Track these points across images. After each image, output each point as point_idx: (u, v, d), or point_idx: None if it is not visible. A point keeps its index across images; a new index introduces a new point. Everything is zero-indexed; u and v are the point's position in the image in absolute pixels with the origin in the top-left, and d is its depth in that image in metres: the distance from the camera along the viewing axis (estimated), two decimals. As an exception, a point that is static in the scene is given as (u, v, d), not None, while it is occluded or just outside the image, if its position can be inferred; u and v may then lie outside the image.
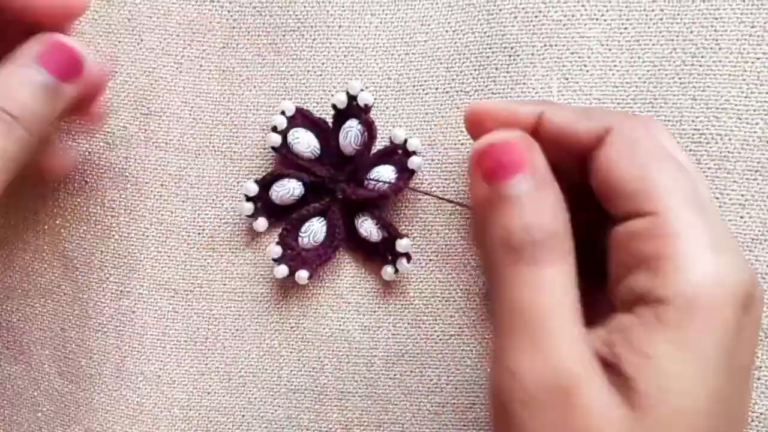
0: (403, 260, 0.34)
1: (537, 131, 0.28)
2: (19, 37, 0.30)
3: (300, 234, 0.35)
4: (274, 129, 0.35)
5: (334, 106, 0.35)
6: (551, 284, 0.25)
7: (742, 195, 0.35)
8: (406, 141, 0.35)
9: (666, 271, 0.24)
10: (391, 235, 0.34)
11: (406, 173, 0.35)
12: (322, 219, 0.35)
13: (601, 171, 0.27)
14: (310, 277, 0.35)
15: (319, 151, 0.35)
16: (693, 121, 0.35)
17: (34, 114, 0.28)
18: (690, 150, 0.35)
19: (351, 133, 0.35)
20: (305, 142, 0.35)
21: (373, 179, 0.34)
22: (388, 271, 0.35)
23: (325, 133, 0.36)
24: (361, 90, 0.35)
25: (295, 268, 0.34)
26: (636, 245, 0.25)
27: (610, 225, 0.27)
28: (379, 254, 0.35)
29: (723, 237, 0.25)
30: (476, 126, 0.30)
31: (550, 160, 0.27)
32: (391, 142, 0.35)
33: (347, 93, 0.35)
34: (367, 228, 0.35)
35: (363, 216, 0.35)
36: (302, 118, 0.35)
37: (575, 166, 0.28)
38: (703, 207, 0.25)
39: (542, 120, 0.28)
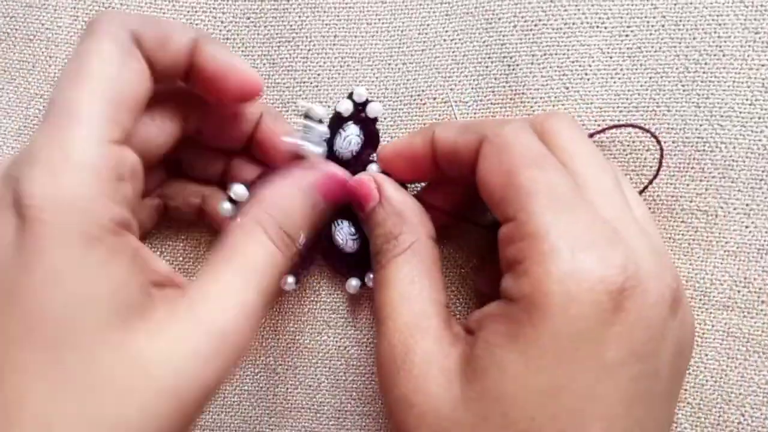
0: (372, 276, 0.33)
1: (434, 151, 0.31)
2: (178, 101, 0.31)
3: None
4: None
5: (338, 114, 0.35)
6: (394, 270, 0.29)
7: (747, 204, 0.34)
8: (366, 102, 0.35)
9: (520, 273, 0.25)
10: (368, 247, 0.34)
11: (370, 138, 0.35)
12: None
13: (479, 181, 0.28)
14: (297, 283, 0.34)
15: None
16: (696, 129, 0.34)
17: (303, 233, 0.30)
18: (694, 158, 0.34)
19: (352, 140, 0.34)
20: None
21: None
22: (352, 284, 0.34)
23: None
24: (368, 100, 0.34)
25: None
26: (504, 249, 0.27)
27: None
28: (348, 265, 0.34)
29: (588, 234, 0.25)
30: (389, 166, 0.33)
31: (451, 174, 0.31)
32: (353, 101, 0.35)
33: (353, 100, 0.34)
34: (343, 236, 0.34)
35: (341, 223, 0.34)
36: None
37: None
38: (570, 206, 0.26)
39: (434, 143, 0.31)
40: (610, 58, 0.35)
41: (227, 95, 0.30)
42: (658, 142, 0.34)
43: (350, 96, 0.35)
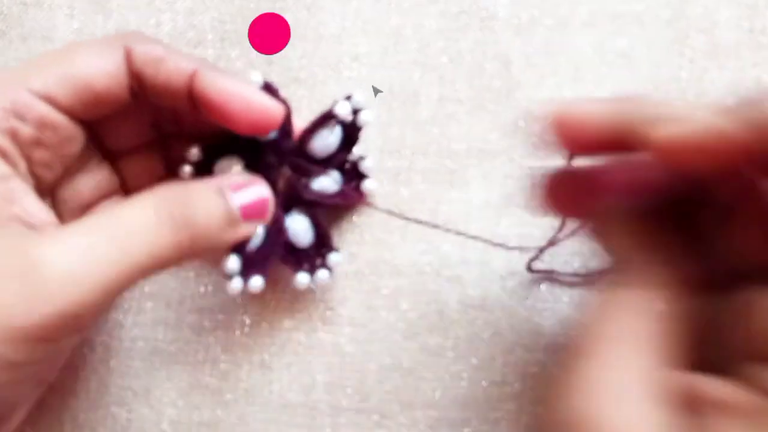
0: (326, 272, 0.33)
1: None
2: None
3: None
4: None
5: (331, 113, 0.32)
6: (625, 308, 0.22)
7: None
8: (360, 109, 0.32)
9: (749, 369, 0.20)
10: (325, 243, 0.33)
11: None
12: None
13: None
14: (264, 284, 0.32)
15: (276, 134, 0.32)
16: (690, 127, 0.34)
17: (206, 235, 0.28)
18: (687, 157, 0.34)
19: (332, 141, 0.32)
20: None
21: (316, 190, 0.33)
22: (301, 278, 0.32)
23: (288, 119, 0.32)
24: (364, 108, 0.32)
25: (247, 276, 0.31)
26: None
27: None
28: (298, 258, 0.33)
29: None
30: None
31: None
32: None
33: (352, 107, 0.32)
34: (296, 230, 0.32)
35: (297, 214, 0.33)
36: (269, 92, 0.31)
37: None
38: None
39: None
40: (604, 56, 0.35)
41: (238, 124, 0.29)
42: None
43: (348, 99, 0.32)
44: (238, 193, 0.29)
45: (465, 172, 0.35)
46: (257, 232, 0.31)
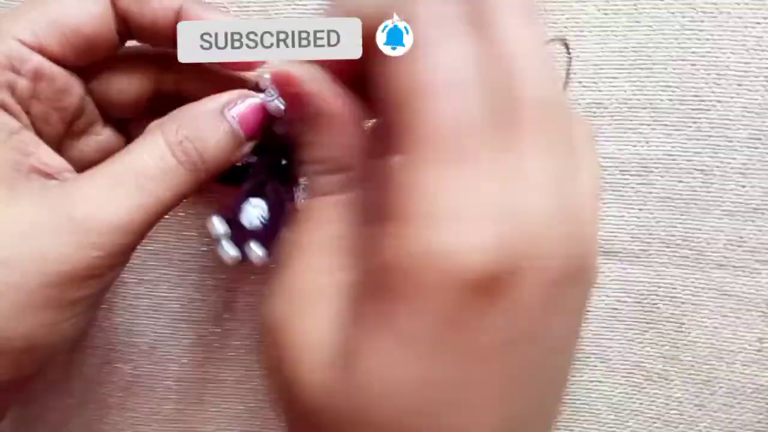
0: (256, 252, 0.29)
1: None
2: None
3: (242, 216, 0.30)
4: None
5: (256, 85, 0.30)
6: (316, 217, 0.25)
7: (744, 163, 0.34)
8: None
9: (392, 231, 0.21)
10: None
11: None
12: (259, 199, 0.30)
13: (375, 75, 0.23)
14: (269, 255, 0.29)
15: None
16: (693, 87, 0.34)
17: (217, 161, 0.28)
18: (690, 117, 0.34)
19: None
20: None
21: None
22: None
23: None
24: None
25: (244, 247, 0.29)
26: (384, 187, 0.22)
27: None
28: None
29: (485, 201, 0.20)
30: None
31: None
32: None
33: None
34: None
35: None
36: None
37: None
38: (475, 159, 0.20)
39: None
40: (606, 15, 0.35)
41: None
42: (567, 49, 0.33)
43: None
44: (236, 108, 0.29)
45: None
46: (260, 206, 0.30)
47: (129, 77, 0.31)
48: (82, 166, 0.31)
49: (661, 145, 0.34)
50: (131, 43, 0.30)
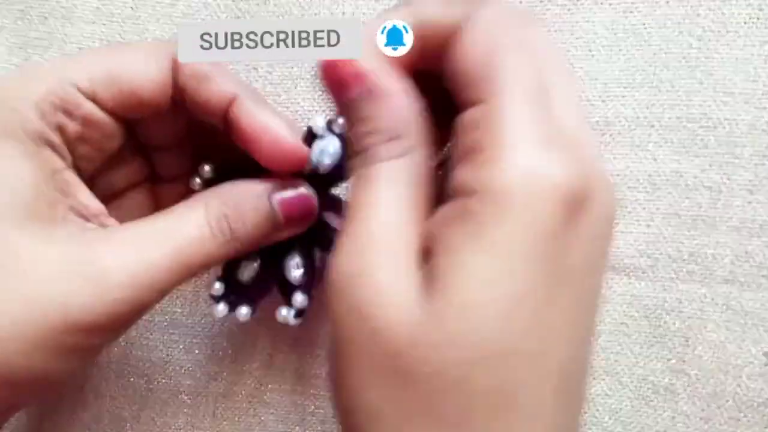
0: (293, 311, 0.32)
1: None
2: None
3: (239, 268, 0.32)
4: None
5: (309, 129, 0.31)
6: (379, 179, 0.25)
7: (750, 180, 0.34)
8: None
9: (481, 162, 0.22)
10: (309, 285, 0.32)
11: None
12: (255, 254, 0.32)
13: (453, 58, 0.25)
14: (253, 313, 0.32)
15: None
16: (700, 105, 0.35)
17: (249, 240, 0.29)
18: (698, 134, 0.35)
19: (333, 150, 0.31)
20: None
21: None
22: (282, 313, 0.32)
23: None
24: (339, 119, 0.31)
25: (235, 304, 0.32)
26: (464, 135, 0.24)
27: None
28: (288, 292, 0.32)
29: (558, 134, 0.23)
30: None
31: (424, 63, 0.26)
32: None
33: (327, 121, 0.31)
34: (291, 267, 0.32)
35: (296, 253, 0.32)
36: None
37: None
38: (543, 104, 0.23)
39: (417, 23, 0.27)
40: (615, 34, 0.35)
41: (266, 161, 0.30)
42: None
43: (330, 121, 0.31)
44: (283, 195, 0.30)
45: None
46: (252, 266, 0.32)
47: (167, 121, 0.32)
48: (108, 192, 0.32)
49: (668, 162, 0.35)
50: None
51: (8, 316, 0.25)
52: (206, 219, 0.29)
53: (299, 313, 0.32)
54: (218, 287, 0.32)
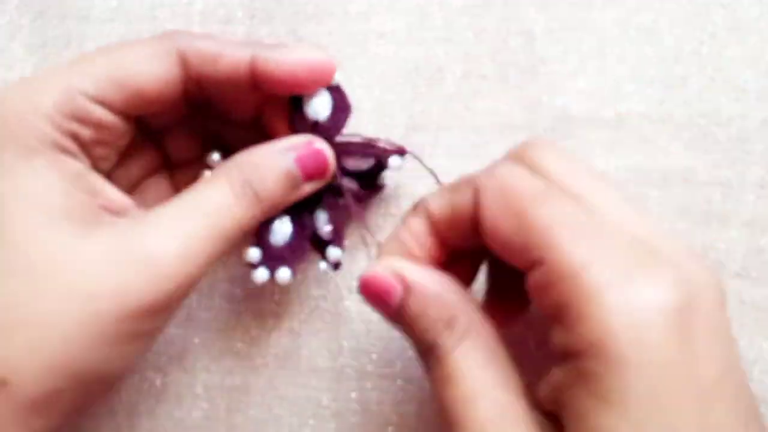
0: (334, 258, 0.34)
1: (435, 227, 0.28)
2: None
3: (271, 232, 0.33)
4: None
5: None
6: (462, 372, 0.25)
7: (761, 176, 0.35)
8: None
9: (571, 320, 0.22)
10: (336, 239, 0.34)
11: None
12: (285, 215, 0.33)
13: (486, 233, 0.26)
14: (293, 275, 0.33)
15: None
16: (712, 101, 0.35)
17: (273, 199, 0.31)
18: (710, 131, 0.35)
19: (326, 101, 0.32)
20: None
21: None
22: (321, 266, 0.34)
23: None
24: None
25: (274, 268, 0.33)
26: (541, 299, 0.24)
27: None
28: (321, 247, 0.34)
29: (628, 257, 0.23)
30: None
31: (462, 244, 0.28)
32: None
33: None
34: (319, 224, 0.34)
35: (320, 211, 0.34)
36: (337, 94, 0.33)
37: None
38: (597, 233, 0.23)
39: (431, 217, 0.28)
40: (627, 32, 0.35)
41: (306, 86, 0.31)
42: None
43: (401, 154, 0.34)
44: (298, 151, 0.31)
45: (489, 147, 0.36)
46: (283, 229, 0.33)
47: (175, 106, 0.32)
48: (126, 183, 0.33)
49: (680, 158, 0.35)
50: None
51: (68, 316, 0.26)
52: (230, 186, 0.29)
53: (336, 266, 0.33)
54: (254, 253, 0.32)
